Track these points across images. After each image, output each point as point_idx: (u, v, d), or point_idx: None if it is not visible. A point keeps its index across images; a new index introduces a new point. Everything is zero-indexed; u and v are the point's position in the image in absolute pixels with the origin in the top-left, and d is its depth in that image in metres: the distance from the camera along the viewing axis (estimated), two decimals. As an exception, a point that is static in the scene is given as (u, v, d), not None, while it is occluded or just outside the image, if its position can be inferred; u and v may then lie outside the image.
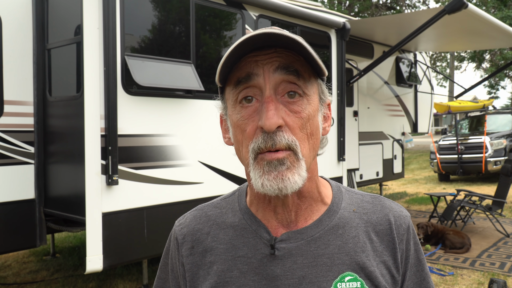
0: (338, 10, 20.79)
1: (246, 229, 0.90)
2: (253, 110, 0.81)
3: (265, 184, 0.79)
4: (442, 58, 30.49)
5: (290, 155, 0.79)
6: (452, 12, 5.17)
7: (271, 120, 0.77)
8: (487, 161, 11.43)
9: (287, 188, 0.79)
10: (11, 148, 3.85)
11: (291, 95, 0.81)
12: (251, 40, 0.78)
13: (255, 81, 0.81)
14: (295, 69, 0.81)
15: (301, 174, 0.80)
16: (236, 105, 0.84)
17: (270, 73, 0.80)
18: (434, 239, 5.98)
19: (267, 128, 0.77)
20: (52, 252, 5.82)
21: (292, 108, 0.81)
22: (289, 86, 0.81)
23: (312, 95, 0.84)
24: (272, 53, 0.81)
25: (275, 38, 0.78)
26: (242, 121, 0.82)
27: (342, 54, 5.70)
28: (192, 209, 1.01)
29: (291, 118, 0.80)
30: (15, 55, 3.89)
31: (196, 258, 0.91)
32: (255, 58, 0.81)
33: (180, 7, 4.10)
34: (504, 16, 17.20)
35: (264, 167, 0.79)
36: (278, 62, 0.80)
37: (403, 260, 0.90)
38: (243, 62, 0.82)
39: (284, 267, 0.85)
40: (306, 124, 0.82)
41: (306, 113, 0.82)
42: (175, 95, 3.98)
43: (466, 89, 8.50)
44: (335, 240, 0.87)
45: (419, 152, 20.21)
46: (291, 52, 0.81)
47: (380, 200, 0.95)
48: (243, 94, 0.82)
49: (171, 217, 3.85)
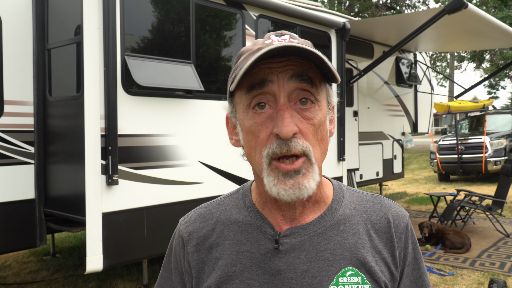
0: (338, 10, 20.80)
1: (250, 225, 0.93)
2: (267, 117, 0.83)
3: (281, 193, 0.82)
4: (442, 58, 30.49)
5: (305, 161, 0.82)
6: (452, 12, 5.17)
7: (288, 127, 0.79)
8: (487, 161, 11.43)
9: (304, 195, 0.82)
10: (11, 148, 3.85)
11: (303, 102, 0.83)
12: (273, 51, 0.79)
13: (269, 88, 0.82)
14: (309, 77, 0.83)
15: (315, 179, 0.83)
16: (249, 110, 0.85)
17: (284, 81, 0.82)
18: (434, 239, 5.98)
19: (283, 135, 0.79)
20: (52, 252, 5.83)
21: (305, 115, 0.83)
22: (302, 93, 0.83)
23: (322, 101, 0.87)
24: (286, 61, 0.82)
25: (294, 50, 0.79)
26: (255, 127, 0.84)
27: (342, 54, 5.70)
28: (195, 207, 1.03)
29: (304, 125, 0.83)
30: (15, 55, 3.89)
31: (202, 255, 0.94)
32: (269, 65, 0.82)
33: (180, 7, 4.10)
34: (504, 16, 17.20)
35: (279, 177, 0.82)
36: (292, 71, 0.82)
37: (401, 258, 0.93)
38: (257, 68, 0.83)
39: (287, 261, 0.88)
40: (318, 130, 0.85)
41: (318, 119, 0.84)
42: (175, 95, 3.98)
43: (466, 89, 8.50)
44: (336, 236, 0.90)
45: (419, 152, 20.21)
46: (303, 60, 0.83)
47: (380, 199, 0.98)
48: (257, 100, 0.83)
49: (171, 217, 3.85)
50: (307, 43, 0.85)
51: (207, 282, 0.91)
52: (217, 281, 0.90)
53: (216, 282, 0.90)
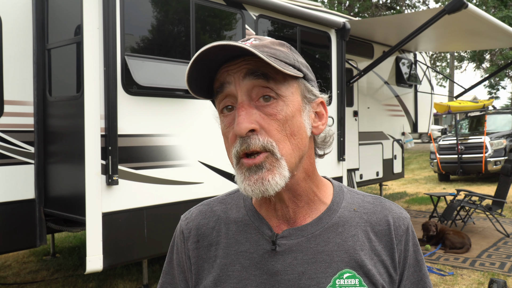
0: (338, 10, 20.80)
1: (249, 225, 0.93)
2: (233, 118, 0.85)
3: (247, 189, 0.83)
4: (442, 58, 30.46)
5: (268, 156, 0.82)
6: (452, 12, 5.17)
7: (241, 125, 0.81)
8: (487, 161, 11.43)
9: (268, 190, 0.81)
10: (11, 148, 3.85)
11: (266, 99, 0.84)
12: (206, 53, 0.81)
13: (228, 90, 0.85)
14: (262, 72, 0.83)
15: (283, 174, 0.82)
16: (220, 115, 0.88)
17: (240, 80, 0.83)
18: (434, 239, 5.99)
19: (237, 133, 0.81)
20: (52, 252, 5.83)
21: (267, 111, 0.83)
22: (262, 90, 0.83)
23: (289, 96, 0.85)
24: (240, 62, 0.84)
25: (227, 49, 0.81)
26: (225, 129, 0.87)
27: (342, 54, 5.70)
28: (197, 204, 1.04)
29: (266, 121, 0.83)
30: (15, 55, 3.89)
31: (201, 252, 0.95)
32: (227, 69, 0.85)
33: (180, 7, 4.10)
34: (504, 16, 17.20)
35: (245, 173, 0.83)
36: (246, 69, 0.83)
37: (401, 260, 0.93)
38: (219, 74, 0.86)
39: (284, 262, 0.88)
40: (285, 125, 0.84)
41: (283, 115, 0.84)
42: (175, 95, 3.98)
43: (466, 89, 8.50)
44: (334, 238, 0.90)
45: (419, 152, 20.21)
46: (259, 58, 0.82)
47: (380, 201, 0.97)
48: (223, 103, 0.86)
49: (171, 217, 3.85)
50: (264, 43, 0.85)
51: (206, 280, 0.92)
52: (215, 280, 0.90)
53: (214, 280, 0.90)
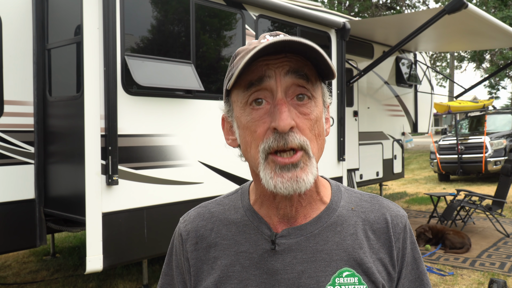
0: (338, 10, 20.80)
1: (248, 225, 0.93)
2: (264, 112, 0.84)
3: (279, 185, 0.82)
4: (442, 58, 30.47)
5: (303, 155, 0.83)
6: (452, 12, 5.17)
7: (285, 121, 0.80)
8: (487, 161, 11.43)
9: (301, 189, 0.82)
10: (11, 148, 3.85)
11: (300, 98, 0.84)
12: (270, 46, 0.80)
13: (267, 84, 0.83)
14: (305, 73, 0.84)
15: (313, 172, 0.84)
16: (246, 107, 0.86)
17: (281, 76, 0.83)
18: (434, 239, 5.98)
19: (281, 128, 0.80)
20: (52, 252, 5.83)
21: (301, 110, 0.84)
22: (298, 89, 0.84)
23: (318, 98, 0.88)
24: (282, 58, 0.84)
25: (291, 44, 0.81)
26: (252, 122, 0.85)
27: (342, 54, 5.70)
28: (195, 206, 1.04)
29: (301, 120, 0.84)
30: (15, 55, 3.89)
31: (200, 254, 0.95)
32: (266, 62, 0.84)
33: (180, 7, 4.10)
34: (504, 16, 17.20)
35: (276, 169, 0.82)
36: (288, 66, 0.84)
37: (399, 258, 0.93)
38: (254, 65, 0.84)
39: (284, 262, 0.88)
40: (314, 125, 0.86)
41: (314, 115, 0.85)
42: (175, 95, 3.98)
43: (466, 89, 8.50)
44: (333, 237, 0.91)
45: (419, 152, 20.21)
46: (299, 57, 0.84)
47: (378, 200, 0.98)
48: (254, 96, 0.85)
49: (171, 217, 3.85)
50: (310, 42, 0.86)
51: (206, 282, 0.92)
52: (216, 281, 0.90)
53: (215, 282, 0.90)
